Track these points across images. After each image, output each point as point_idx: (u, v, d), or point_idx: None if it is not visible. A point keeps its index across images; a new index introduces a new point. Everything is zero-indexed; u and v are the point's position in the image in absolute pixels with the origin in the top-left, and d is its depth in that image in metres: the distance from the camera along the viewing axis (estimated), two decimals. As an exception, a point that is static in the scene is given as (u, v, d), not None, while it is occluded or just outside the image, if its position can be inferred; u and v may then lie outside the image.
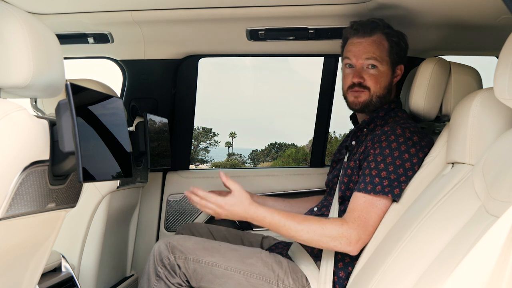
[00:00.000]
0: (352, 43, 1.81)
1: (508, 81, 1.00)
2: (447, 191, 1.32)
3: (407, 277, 1.19)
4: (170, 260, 1.62)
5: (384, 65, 1.78)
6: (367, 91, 1.78)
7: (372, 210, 1.59)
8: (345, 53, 1.84)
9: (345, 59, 1.83)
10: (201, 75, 2.63)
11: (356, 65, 1.79)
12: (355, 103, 1.80)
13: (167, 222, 2.59)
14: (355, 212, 1.60)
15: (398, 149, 1.62)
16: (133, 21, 2.18)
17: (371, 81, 1.78)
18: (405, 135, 1.64)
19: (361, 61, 1.78)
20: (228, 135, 22.46)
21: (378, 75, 1.78)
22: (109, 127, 1.20)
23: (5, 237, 1.09)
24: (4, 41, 1.07)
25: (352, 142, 1.84)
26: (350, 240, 1.57)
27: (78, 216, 1.95)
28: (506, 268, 0.71)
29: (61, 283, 1.72)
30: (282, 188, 2.58)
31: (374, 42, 1.78)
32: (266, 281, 1.63)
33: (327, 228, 1.58)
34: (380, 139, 1.65)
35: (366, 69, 1.78)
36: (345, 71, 1.84)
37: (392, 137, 1.63)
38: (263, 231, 2.39)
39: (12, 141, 1.01)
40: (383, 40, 1.79)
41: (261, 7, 2.03)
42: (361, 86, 1.78)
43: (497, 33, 2.00)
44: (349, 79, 1.80)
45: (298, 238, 1.60)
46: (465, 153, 1.34)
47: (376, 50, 1.78)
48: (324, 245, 1.60)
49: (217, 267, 1.61)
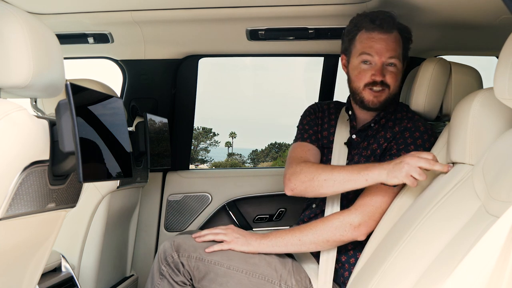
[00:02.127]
0: (373, 38, 1.70)
1: (508, 81, 1.00)
2: (447, 191, 1.32)
3: (407, 277, 1.19)
4: (174, 258, 1.62)
5: (401, 63, 1.74)
6: (387, 90, 1.71)
7: (384, 198, 1.59)
8: (362, 47, 1.72)
9: (364, 55, 1.71)
10: (201, 75, 2.63)
11: (378, 63, 1.70)
12: (374, 102, 1.72)
13: (167, 222, 2.59)
14: (364, 200, 1.62)
15: (422, 146, 1.64)
16: (133, 21, 2.17)
17: (392, 79, 1.71)
18: (427, 131, 1.68)
19: (384, 59, 1.70)
20: (228, 135, 22.46)
21: (397, 73, 1.73)
22: (109, 127, 1.20)
23: (5, 237, 1.09)
24: (4, 41, 1.07)
25: (353, 136, 1.79)
26: (353, 224, 1.58)
27: (78, 216, 1.95)
28: (506, 268, 0.70)
29: (61, 283, 1.72)
30: (282, 188, 2.56)
31: (396, 39, 1.72)
32: (268, 281, 1.63)
33: (329, 221, 1.62)
34: (404, 135, 1.68)
35: (386, 66, 1.71)
36: (361, 66, 1.72)
37: (417, 133, 1.67)
38: (265, 231, 2.39)
39: (12, 141, 1.01)
40: (399, 37, 1.74)
41: (261, 7, 2.03)
42: (383, 84, 1.71)
43: (497, 33, 2.00)
44: (368, 76, 1.71)
45: (306, 242, 1.63)
46: (465, 153, 1.34)
47: (398, 48, 1.72)
48: (332, 238, 1.61)
49: (219, 266, 1.62)
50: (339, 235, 1.60)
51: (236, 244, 1.65)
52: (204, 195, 2.58)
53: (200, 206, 2.58)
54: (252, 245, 1.65)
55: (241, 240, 1.66)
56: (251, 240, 1.66)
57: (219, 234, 1.67)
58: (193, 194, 2.59)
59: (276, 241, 1.65)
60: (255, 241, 1.66)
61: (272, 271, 1.65)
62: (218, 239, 1.67)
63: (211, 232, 1.69)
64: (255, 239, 1.66)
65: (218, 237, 1.67)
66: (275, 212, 2.56)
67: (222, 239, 1.66)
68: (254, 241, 1.66)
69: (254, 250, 1.65)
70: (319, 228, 1.62)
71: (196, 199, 2.58)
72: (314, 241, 1.63)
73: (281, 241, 1.65)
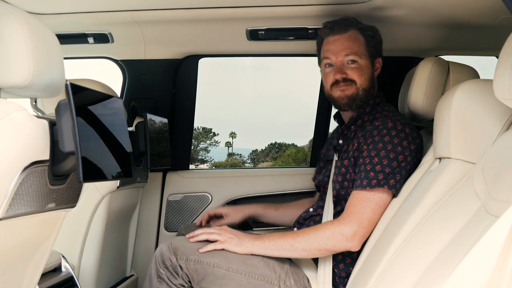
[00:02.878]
0: (329, 42, 1.82)
1: (508, 81, 1.00)
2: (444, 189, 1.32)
3: (407, 277, 1.19)
4: (172, 261, 1.62)
5: (363, 59, 1.80)
6: (353, 84, 1.79)
7: (366, 204, 1.60)
8: (323, 53, 1.85)
9: (324, 59, 1.83)
10: (201, 75, 2.63)
11: (336, 62, 1.80)
12: (342, 96, 1.80)
13: (167, 222, 2.59)
14: (349, 209, 1.62)
15: (391, 142, 1.63)
16: (133, 21, 2.18)
17: (355, 74, 1.79)
18: (396, 127, 1.66)
19: (340, 58, 1.79)
20: (228, 135, 22.45)
21: (360, 69, 1.79)
22: (109, 127, 1.20)
23: (5, 237, 1.09)
24: (4, 41, 1.07)
25: (339, 141, 1.85)
26: (346, 235, 1.58)
27: (78, 216, 1.95)
28: (506, 268, 0.71)
29: (61, 283, 1.72)
30: (282, 188, 2.58)
31: (351, 38, 1.80)
32: (267, 282, 1.64)
33: (321, 231, 1.61)
34: (372, 134, 1.67)
35: (346, 65, 1.79)
36: (325, 70, 1.84)
37: (384, 131, 1.65)
38: (264, 231, 2.39)
39: (12, 141, 1.01)
40: (358, 35, 1.81)
41: (261, 7, 2.03)
42: (346, 81, 1.78)
43: (497, 33, 2.00)
44: (331, 77, 1.81)
45: (298, 248, 1.62)
46: (449, 148, 1.36)
47: (354, 45, 1.79)
48: (324, 248, 1.61)
49: (218, 268, 1.62)
50: (331, 245, 1.60)
51: (229, 244, 1.65)
52: (204, 195, 2.59)
53: (200, 206, 2.58)
54: (245, 245, 1.65)
55: (234, 240, 1.66)
56: (244, 240, 1.66)
57: (213, 234, 1.67)
58: (193, 194, 2.59)
59: (269, 244, 1.65)
60: (248, 242, 1.66)
61: (271, 271, 1.65)
62: (212, 238, 1.67)
63: (205, 232, 1.69)
64: (249, 240, 1.66)
65: (212, 236, 1.67)
66: (275, 212, 2.56)
67: (216, 238, 1.66)
68: (247, 242, 1.66)
69: (247, 251, 1.65)
70: (312, 237, 1.61)
71: (196, 199, 2.59)
72: (306, 249, 1.62)
73: (274, 244, 1.65)
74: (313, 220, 1.82)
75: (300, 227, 1.85)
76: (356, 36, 1.81)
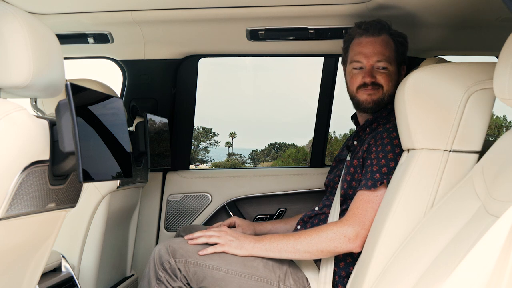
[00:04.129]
0: (361, 43, 1.80)
1: (508, 81, 1.00)
2: (414, 179, 1.36)
3: (407, 277, 1.19)
4: (171, 264, 1.61)
5: (393, 65, 1.79)
6: (380, 89, 1.78)
7: (369, 206, 1.59)
8: (353, 54, 1.82)
9: (354, 63, 1.80)
10: (201, 75, 2.63)
11: (367, 66, 1.78)
12: (368, 101, 1.79)
13: (167, 222, 2.59)
14: (352, 210, 1.62)
15: (399, 146, 1.62)
16: (133, 21, 2.18)
17: (383, 79, 1.78)
18: None
19: (372, 62, 1.77)
20: (228, 135, 22.43)
21: (389, 75, 1.78)
22: (109, 127, 1.20)
23: (5, 237, 1.09)
24: (4, 41, 1.07)
25: (354, 142, 1.84)
26: (348, 237, 1.58)
27: (78, 216, 1.95)
28: (506, 268, 0.71)
29: (61, 283, 1.72)
30: (282, 188, 2.58)
31: (383, 42, 1.78)
32: (267, 283, 1.63)
33: (323, 232, 1.61)
34: (382, 136, 1.67)
35: (376, 69, 1.78)
36: (353, 71, 1.82)
37: (394, 133, 1.65)
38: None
39: (12, 141, 1.01)
40: (390, 40, 1.80)
41: (261, 7, 2.03)
42: (374, 85, 1.77)
43: (497, 33, 2.00)
44: (359, 79, 1.79)
45: (300, 250, 1.62)
46: (411, 139, 1.39)
47: (385, 51, 1.78)
48: (326, 249, 1.60)
49: (217, 270, 1.61)
50: (333, 247, 1.60)
51: (229, 247, 1.64)
52: (204, 195, 2.59)
53: (200, 206, 2.58)
54: (245, 248, 1.64)
55: (234, 243, 1.65)
56: (244, 243, 1.65)
57: (212, 237, 1.66)
58: (193, 194, 2.59)
59: (270, 246, 1.64)
60: (248, 244, 1.65)
61: (270, 272, 1.65)
62: (211, 241, 1.66)
63: (204, 235, 1.67)
64: (249, 242, 1.65)
65: (211, 240, 1.66)
66: (275, 212, 2.56)
67: (216, 241, 1.65)
68: (247, 244, 1.65)
69: (248, 253, 1.64)
70: (314, 238, 1.61)
71: (196, 199, 2.59)
72: (308, 250, 1.61)
73: (275, 246, 1.64)
74: (318, 218, 1.82)
75: (304, 225, 1.85)
76: (388, 41, 1.80)
